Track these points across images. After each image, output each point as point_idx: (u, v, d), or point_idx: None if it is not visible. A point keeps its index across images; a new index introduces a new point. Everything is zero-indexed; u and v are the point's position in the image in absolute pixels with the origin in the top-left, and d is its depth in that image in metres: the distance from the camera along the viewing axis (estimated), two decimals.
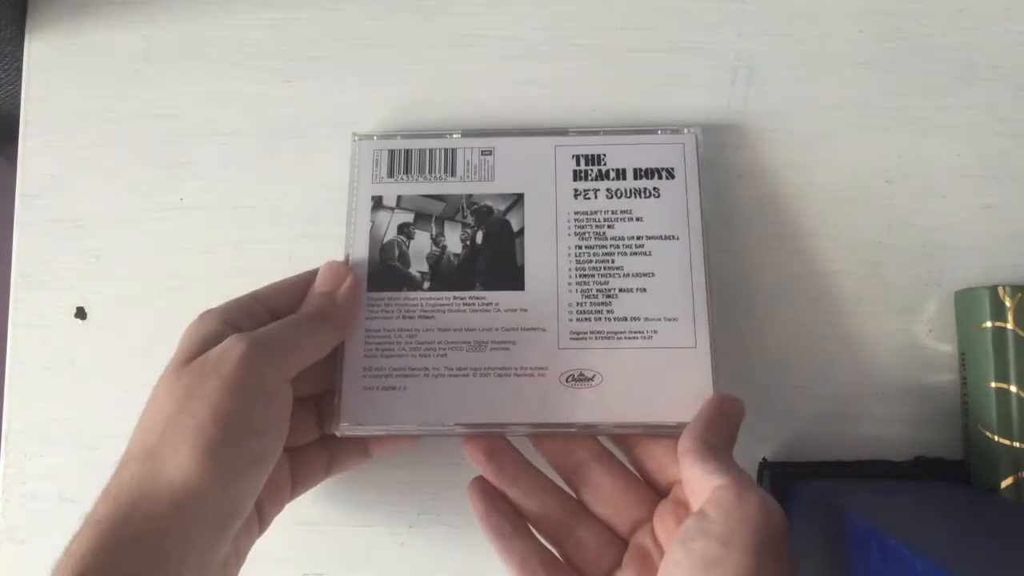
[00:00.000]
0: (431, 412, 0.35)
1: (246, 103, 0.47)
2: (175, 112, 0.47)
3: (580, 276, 0.36)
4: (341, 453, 0.40)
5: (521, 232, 0.36)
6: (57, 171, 0.47)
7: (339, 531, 0.44)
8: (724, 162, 0.45)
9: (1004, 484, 0.40)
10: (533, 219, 0.36)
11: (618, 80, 0.46)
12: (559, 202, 0.37)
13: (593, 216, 0.37)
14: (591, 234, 0.36)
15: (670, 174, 0.37)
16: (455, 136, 0.38)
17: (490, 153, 0.38)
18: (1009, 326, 0.40)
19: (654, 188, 0.37)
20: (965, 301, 0.43)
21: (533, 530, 0.37)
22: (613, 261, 0.36)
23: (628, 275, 0.36)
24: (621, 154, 0.38)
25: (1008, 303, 0.41)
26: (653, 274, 0.36)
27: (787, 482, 0.42)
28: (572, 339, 0.35)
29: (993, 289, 0.41)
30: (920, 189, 0.45)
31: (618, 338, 0.35)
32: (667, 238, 0.37)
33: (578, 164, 0.37)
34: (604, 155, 0.38)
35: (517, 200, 0.37)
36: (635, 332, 0.36)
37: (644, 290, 0.36)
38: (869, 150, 0.46)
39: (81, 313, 0.45)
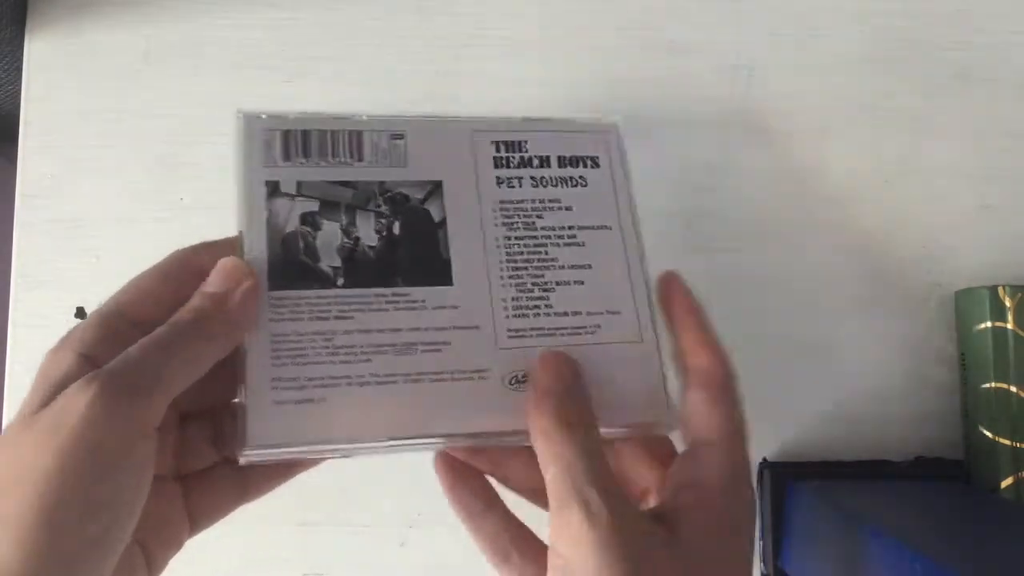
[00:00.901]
0: (357, 426, 0.30)
1: (246, 103, 0.47)
2: (175, 112, 0.47)
3: (512, 269, 0.33)
4: (255, 473, 0.33)
5: (443, 223, 0.33)
6: (57, 171, 0.46)
7: (339, 531, 0.44)
8: (724, 162, 0.45)
9: (1004, 484, 0.40)
10: (455, 208, 0.33)
11: (618, 80, 0.46)
12: (482, 191, 0.33)
13: (520, 205, 0.33)
14: (520, 224, 0.33)
15: (595, 163, 0.34)
16: (361, 118, 0.34)
17: (401, 137, 0.34)
18: (1009, 326, 0.40)
19: (580, 177, 0.34)
20: (965, 301, 0.43)
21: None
22: (546, 252, 0.33)
23: (563, 267, 0.33)
24: (542, 142, 0.35)
25: (1008, 303, 0.41)
26: (589, 266, 0.33)
27: (787, 482, 0.42)
28: (511, 337, 0.32)
29: (993, 289, 0.41)
30: (920, 189, 0.45)
31: (560, 335, 0.32)
32: (600, 228, 0.34)
33: (498, 151, 0.34)
34: (525, 142, 0.34)
35: (435, 188, 0.33)
36: (577, 328, 0.32)
37: (582, 283, 0.33)
38: (869, 150, 0.46)
39: (81, 313, 0.45)
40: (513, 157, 0.34)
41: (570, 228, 0.33)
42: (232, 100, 0.47)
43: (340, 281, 0.31)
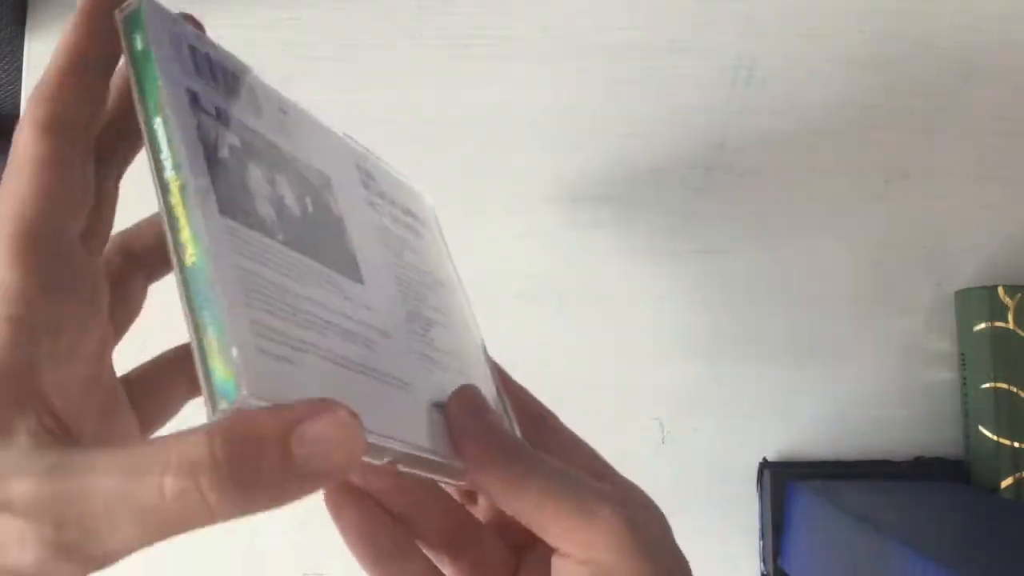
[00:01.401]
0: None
1: None
2: None
3: (400, 292, 0.29)
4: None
5: (341, 220, 0.28)
6: None
7: None
8: (724, 162, 0.45)
9: (1004, 484, 0.40)
10: (347, 210, 0.28)
11: (619, 80, 0.46)
12: (359, 206, 0.29)
13: (390, 233, 0.30)
14: (392, 251, 0.30)
15: (423, 223, 0.32)
16: (250, 73, 0.29)
17: (286, 113, 0.29)
18: (1009, 326, 0.40)
19: (417, 230, 0.31)
20: (965, 301, 0.43)
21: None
22: (416, 289, 0.30)
23: (430, 307, 0.30)
24: (387, 184, 0.32)
25: (1008, 303, 0.41)
26: (441, 311, 0.30)
27: (787, 482, 0.42)
28: (418, 360, 0.28)
29: (993, 289, 0.41)
30: (920, 189, 0.45)
31: (445, 371, 0.29)
32: (441, 282, 0.31)
33: (360, 174, 0.31)
34: (375, 178, 0.31)
35: (327, 183, 0.29)
36: (455, 370, 0.29)
37: (446, 327, 0.30)
38: (869, 150, 0.46)
39: None
40: (373, 185, 0.30)
41: (424, 272, 0.30)
42: None
43: (280, 236, 0.25)
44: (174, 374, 0.28)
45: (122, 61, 0.25)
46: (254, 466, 0.18)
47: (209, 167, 0.24)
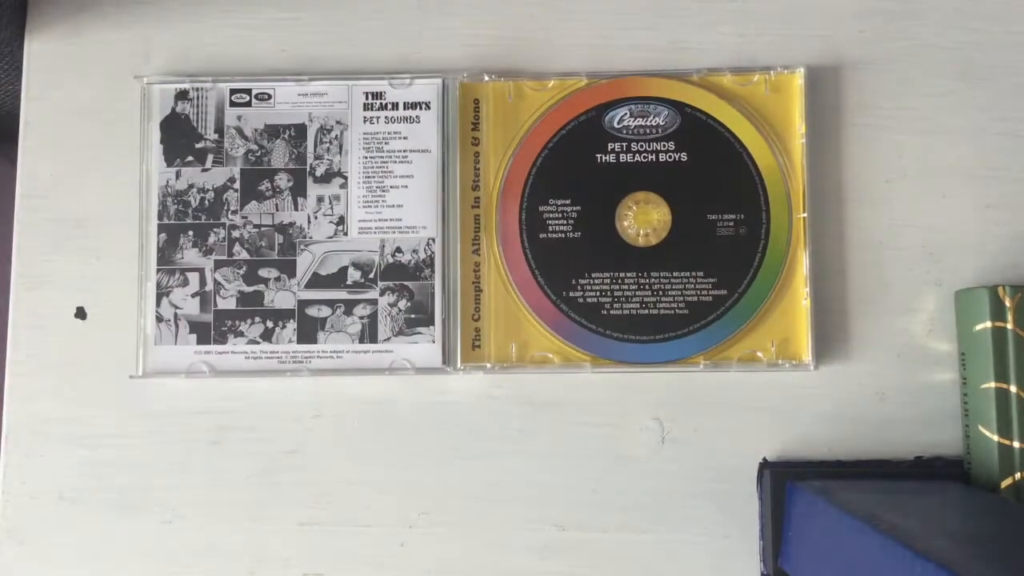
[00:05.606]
0: None
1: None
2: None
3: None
4: None
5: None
6: (57, 171, 0.46)
7: (339, 531, 0.44)
8: None
9: (1004, 484, 0.40)
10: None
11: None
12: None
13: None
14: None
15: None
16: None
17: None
18: (1009, 326, 0.40)
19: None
20: (965, 301, 0.43)
21: None
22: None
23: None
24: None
25: (1008, 303, 0.41)
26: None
27: (787, 482, 0.42)
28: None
29: (993, 289, 0.41)
30: (920, 189, 0.45)
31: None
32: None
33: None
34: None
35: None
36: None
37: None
38: (869, 150, 0.46)
39: (81, 313, 0.45)
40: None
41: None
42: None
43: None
44: None
45: None
46: None
47: None
